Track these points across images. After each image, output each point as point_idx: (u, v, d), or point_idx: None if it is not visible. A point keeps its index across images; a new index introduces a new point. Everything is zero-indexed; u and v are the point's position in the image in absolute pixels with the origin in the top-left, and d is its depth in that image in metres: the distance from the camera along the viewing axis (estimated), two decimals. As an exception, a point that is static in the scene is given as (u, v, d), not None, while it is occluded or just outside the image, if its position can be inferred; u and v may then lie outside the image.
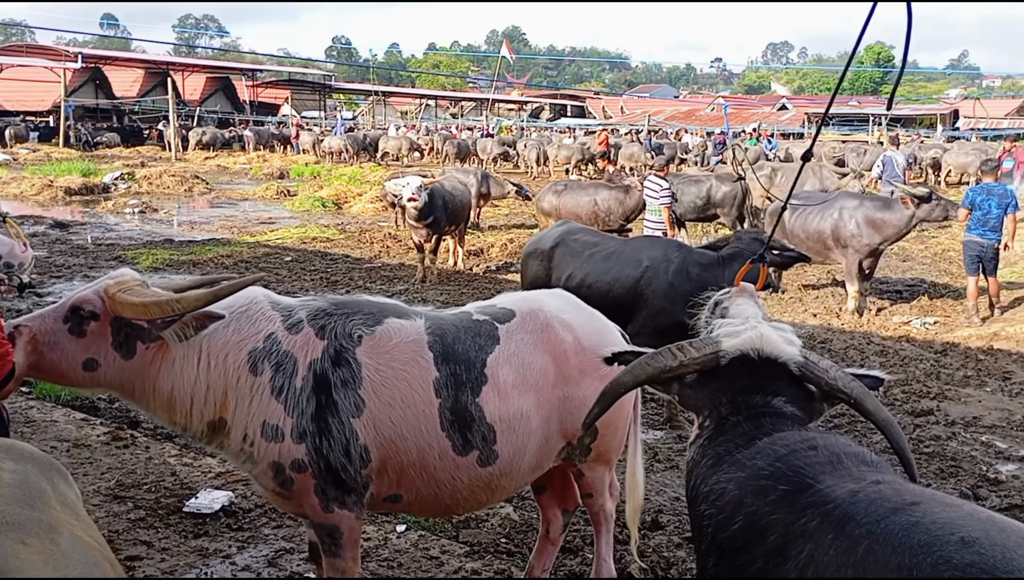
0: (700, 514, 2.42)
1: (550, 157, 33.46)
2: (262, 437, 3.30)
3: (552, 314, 3.78)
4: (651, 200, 12.21)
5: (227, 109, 62.69)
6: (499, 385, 3.53)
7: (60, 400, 7.14)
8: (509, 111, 78.21)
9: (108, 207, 21.94)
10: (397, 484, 3.49)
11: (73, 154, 36.82)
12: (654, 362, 2.64)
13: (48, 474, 2.41)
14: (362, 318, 3.49)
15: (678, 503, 5.71)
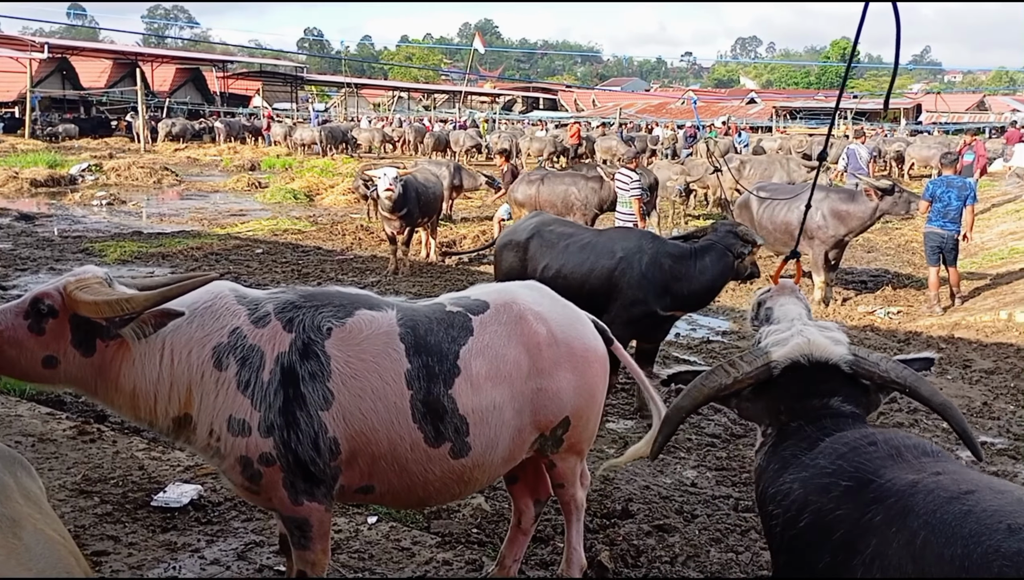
0: (769, 515, 2.51)
1: (522, 149, 33.45)
2: (228, 432, 3.28)
3: (526, 306, 3.78)
4: (622, 192, 12.27)
5: (197, 100, 61.98)
6: (472, 377, 3.52)
7: (25, 394, 7.05)
8: (482, 103, 78.01)
9: (75, 199, 21.64)
10: (369, 476, 3.48)
11: (39, 145, 36.27)
12: (709, 382, 2.71)
13: (11, 467, 2.39)
14: (332, 310, 3.46)
15: (648, 492, 5.77)
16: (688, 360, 9.11)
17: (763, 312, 3.24)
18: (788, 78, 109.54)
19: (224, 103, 60.58)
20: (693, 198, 20.93)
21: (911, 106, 59.71)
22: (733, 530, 5.22)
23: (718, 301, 11.37)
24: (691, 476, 6.10)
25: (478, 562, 4.58)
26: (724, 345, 9.82)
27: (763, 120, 59.04)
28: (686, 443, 6.71)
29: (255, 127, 46.18)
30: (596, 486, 5.82)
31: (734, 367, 2.70)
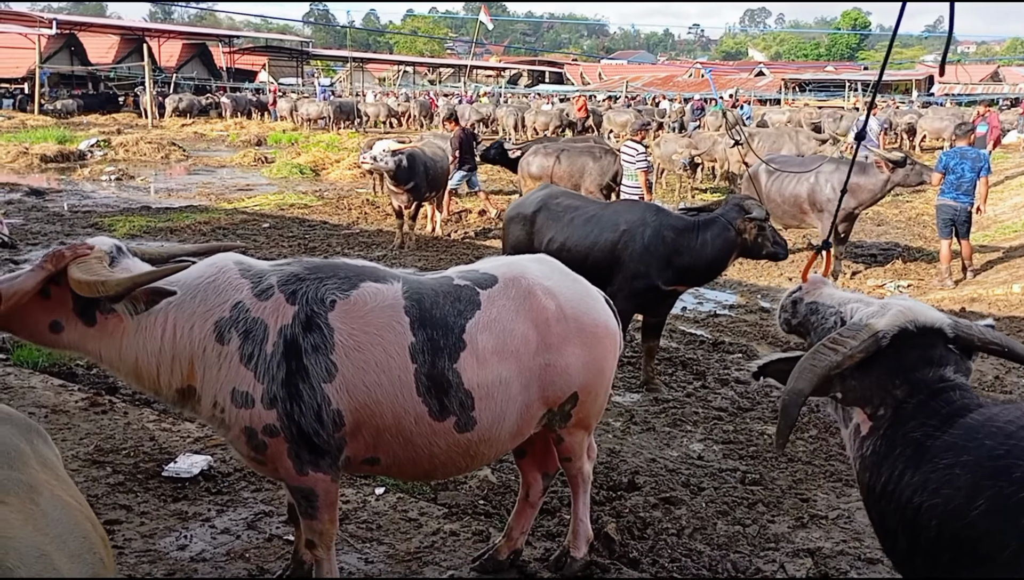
0: (904, 506, 2.28)
1: (528, 123, 33.28)
2: (232, 404, 3.31)
3: (535, 280, 3.74)
4: (628, 165, 12.23)
5: (204, 76, 61.76)
6: (478, 351, 3.49)
7: (37, 366, 7.11)
8: (487, 77, 77.57)
9: (84, 174, 21.66)
10: (374, 447, 3.50)
11: (48, 121, 36.27)
12: (819, 361, 2.49)
13: (27, 435, 2.41)
14: (336, 283, 3.45)
15: (654, 465, 5.79)
16: (695, 334, 9.10)
17: (803, 308, 2.96)
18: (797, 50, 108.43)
19: (230, 78, 60.36)
20: (700, 171, 20.82)
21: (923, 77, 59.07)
22: (740, 503, 5.24)
23: (725, 275, 11.34)
24: (698, 449, 6.12)
25: (485, 533, 4.61)
26: (731, 319, 9.81)
27: (771, 92, 58.54)
28: (692, 416, 6.72)
29: (261, 102, 46.05)
30: (602, 459, 5.84)
31: (838, 344, 2.49)
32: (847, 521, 5.04)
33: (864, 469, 2.49)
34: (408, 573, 4.21)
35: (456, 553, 4.41)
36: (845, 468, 5.77)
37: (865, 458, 2.49)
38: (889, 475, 2.36)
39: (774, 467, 5.81)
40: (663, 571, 4.45)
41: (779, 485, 5.51)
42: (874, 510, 2.45)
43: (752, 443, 6.21)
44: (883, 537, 2.43)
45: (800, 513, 5.12)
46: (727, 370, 7.87)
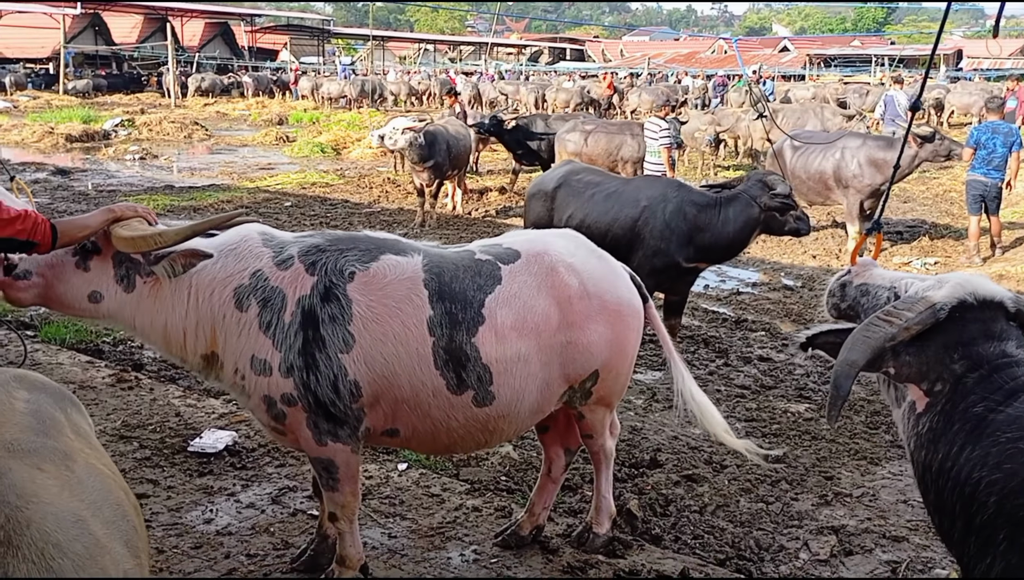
0: (962, 483, 2.21)
1: (548, 100, 33.07)
2: (251, 370, 3.37)
3: (558, 257, 3.71)
4: (651, 141, 12.12)
5: (226, 55, 61.83)
6: (497, 326, 3.49)
7: (65, 343, 7.20)
8: (508, 55, 77.14)
9: (108, 154, 21.82)
10: (393, 419, 3.52)
11: (73, 101, 36.50)
12: (874, 333, 2.40)
13: (61, 404, 2.46)
14: (357, 254, 3.48)
15: (676, 442, 5.78)
16: (718, 312, 9.05)
17: (853, 291, 2.85)
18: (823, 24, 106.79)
19: (252, 57, 60.42)
20: (723, 148, 20.63)
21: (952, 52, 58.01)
22: (763, 480, 5.22)
23: (748, 253, 11.24)
24: (721, 426, 6.09)
25: (507, 509, 4.62)
26: (754, 296, 9.74)
27: (796, 68, 57.75)
28: (715, 394, 6.69)
29: (283, 81, 46.08)
30: (624, 436, 5.83)
31: (893, 316, 2.39)
32: (872, 499, 5.01)
33: (919, 447, 2.41)
34: (430, 548, 4.24)
35: (478, 529, 4.43)
36: (870, 447, 5.73)
37: (921, 435, 2.41)
38: (947, 451, 2.29)
39: (798, 445, 5.78)
40: (685, 547, 4.45)
41: (803, 463, 5.48)
42: (930, 490, 2.37)
43: (775, 421, 6.18)
44: (938, 517, 2.36)
45: (824, 491, 5.09)
46: (750, 348, 7.82)
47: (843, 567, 4.34)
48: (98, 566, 1.90)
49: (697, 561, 4.26)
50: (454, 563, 4.12)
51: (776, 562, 4.37)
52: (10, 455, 2.04)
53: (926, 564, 4.33)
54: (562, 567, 4.09)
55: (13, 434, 2.15)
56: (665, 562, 4.19)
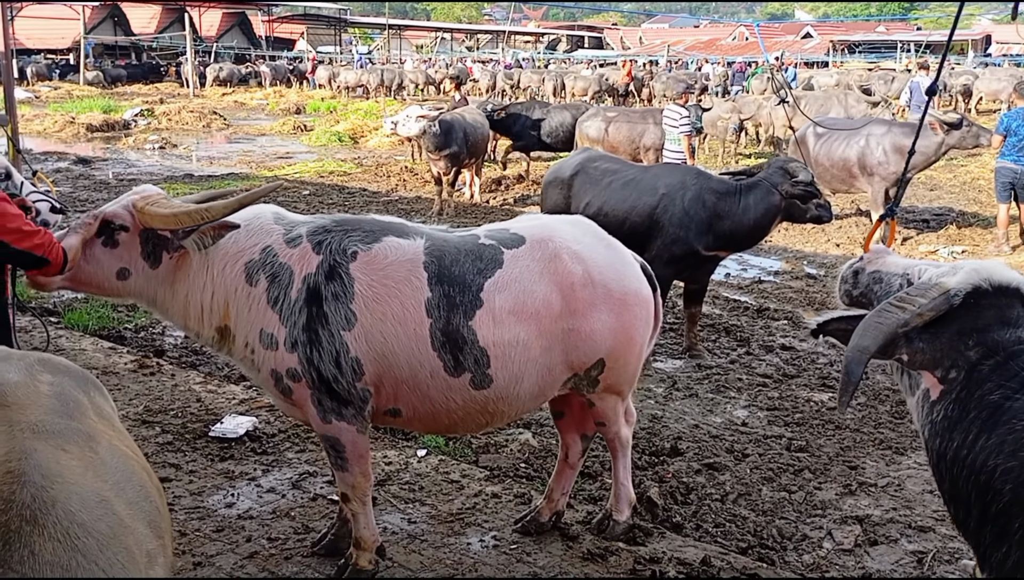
0: (978, 471, 2.19)
1: (567, 88, 32.89)
2: (260, 344, 3.48)
3: (563, 243, 3.71)
4: (671, 129, 12.03)
5: (243, 45, 62.00)
6: (494, 310, 3.52)
7: (88, 329, 7.25)
8: (526, 43, 76.85)
9: (129, 143, 21.95)
10: (394, 399, 3.58)
11: (94, 91, 36.78)
12: (886, 319, 2.36)
13: (84, 387, 2.47)
14: (360, 235, 3.55)
15: (697, 431, 5.74)
16: (739, 300, 8.98)
17: (866, 278, 2.83)
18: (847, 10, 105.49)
19: (269, 47, 60.54)
20: (744, 136, 20.45)
21: (980, 37, 57.14)
22: (785, 469, 5.17)
23: (770, 241, 11.16)
24: (742, 416, 6.05)
25: (526, 495, 4.61)
26: (776, 285, 9.65)
27: (819, 55, 57.09)
28: (736, 383, 6.64)
29: (300, 70, 46.14)
30: (644, 424, 5.81)
31: (905, 302, 2.35)
32: (897, 489, 4.95)
33: (934, 435, 2.38)
34: (450, 533, 4.23)
35: (498, 515, 4.42)
36: (895, 436, 5.67)
37: (935, 423, 2.38)
38: (962, 439, 2.26)
39: (821, 434, 5.72)
40: (706, 535, 4.42)
41: (826, 452, 5.43)
42: (945, 478, 2.34)
43: (798, 410, 6.12)
44: (953, 506, 2.33)
45: (848, 480, 5.04)
46: (772, 337, 7.76)
47: (868, 557, 4.29)
48: (122, 545, 1.91)
49: (718, 549, 4.23)
50: (474, 549, 4.11)
51: (799, 551, 4.33)
52: (35, 436, 2.06)
53: (952, 555, 4.28)
54: (582, 554, 4.07)
55: (38, 416, 2.16)
56: (686, 550, 4.16)
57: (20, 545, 1.73)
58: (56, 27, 50.05)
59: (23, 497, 1.82)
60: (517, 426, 5.65)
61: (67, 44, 49.87)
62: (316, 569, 3.90)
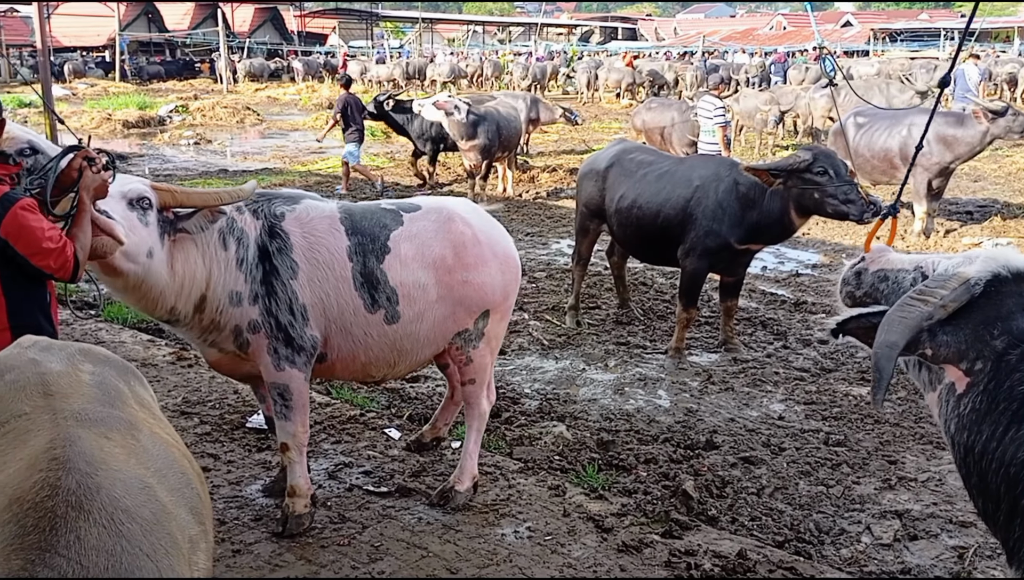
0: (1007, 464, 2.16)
1: (600, 81, 32.74)
2: (229, 304, 3.87)
3: (455, 210, 4.37)
4: (705, 120, 11.93)
5: (275, 40, 62.45)
6: (401, 256, 4.12)
7: (127, 322, 7.35)
8: (559, 35, 76.58)
9: (164, 139, 22.21)
10: (324, 343, 4.07)
11: (129, 88, 37.22)
12: (909, 313, 2.30)
13: (125, 376, 2.50)
14: (283, 200, 4.11)
15: (733, 424, 5.70)
16: (776, 293, 8.89)
17: (870, 278, 2.78)
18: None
19: (301, 42, 60.92)
20: (782, 127, 20.19)
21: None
22: (823, 464, 5.11)
23: (808, 234, 11.04)
24: (778, 410, 5.99)
25: (560, 487, 4.61)
26: (814, 278, 9.53)
27: (859, 44, 56.10)
28: (773, 377, 6.57)
29: (332, 65, 46.42)
30: (679, 418, 5.78)
31: (926, 295, 2.30)
32: (938, 484, 4.88)
33: (961, 429, 2.33)
34: (485, 524, 4.24)
35: (532, 507, 4.43)
36: (935, 430, 5.58)
37: (962, 417, 2.33)
38: (991, 432, 2.21)
39: (859, 428, 5.65)
40: (742, 529, 4.39)
41: (865, 447, 5.36)
42: (972, 472, 2.30)
43: (836, 404, 6.05)
44: (981, 501, 2.29)
45: (887, 475, 4.97)
46: (809, 330, 7.66)
47: (907, 552, 4.24)
48: (165, 531, 1.94)
49: (755, 542, 4.20)
50: (508, 540, 4.12)
51: (837, 545, 4.29)
52: (78, 424, 2.08)
53: (994, 550, 4.20)
54: (617, 546, 4.06)
55: (80, 404, 2.19)
56: (722, 543, 4.13)
57: (66, 530, 1.75)
58: (91, 24, 50.82)
59: (68, 483, 1.84)
60: (551, 419, 5.65)
61: (102, 41, 50.59)
62: (352, 557, 3.93)
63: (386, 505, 4.41)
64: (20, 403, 2.18)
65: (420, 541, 4.07)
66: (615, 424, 5.66)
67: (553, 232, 11.64)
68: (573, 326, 7.69)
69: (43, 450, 1.95)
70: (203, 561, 2.11)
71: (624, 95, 31.60)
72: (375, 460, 4.91)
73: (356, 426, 5.36)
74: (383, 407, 5.84)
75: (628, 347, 7.20)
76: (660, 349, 7.14)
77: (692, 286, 6.90)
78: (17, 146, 5.47)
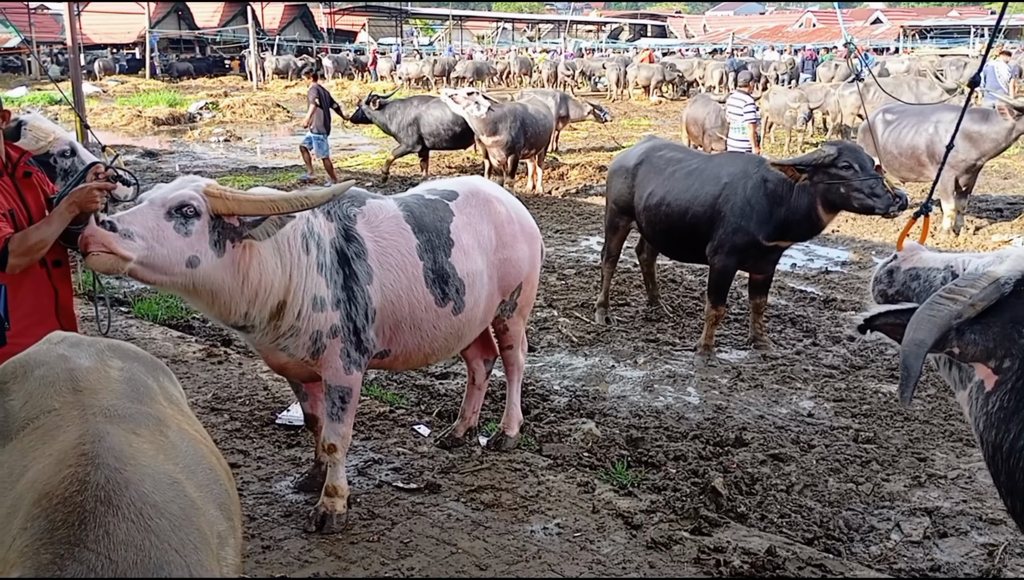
0: None
1: (630, 78, 32.60)
2: (312, 309, 3.82)
3: (488, 192, 4.56)
4: (735, 117, 11.85)
5: (305, 37, 62.79)
6: (464, 247, 4.26)
7: (157, 319, 7.45)
8: (587, 32, 76.34)
9: (194, 136, 22.45)
10: (389, 341, 4.13)
11: (159, 85, 37.67)
12: (939, 311, 2.31)
13: (153, 372, 2.51)
14: (349, 200, 4.05)
15: (762, 421, 5.67)
16: (806, 291, 8.82)
17: (902, 276, 2.80)
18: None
19: (331, 39, 61.20)
20: (811, 124, 20.00)
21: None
22: (853, 461, 5.07)
23: (838, 231, 10.94)
24: (808, 407, 5.95)
25: (590, 484, 4.61)
26: (843, 275, 9.45)
27: (889, 41, 55.45)
28: (802, 374, 6.53)
29: (361, 62, 46.61)
30: (708, 415, 5.76)
31: (955, 294, 2.32)
32: (968, 481, 4.82)
33: (990, 427, 2.34)
34: (514, 521, 4.25)
35: (561, 503, 4.43)
36: (966, 428, 5.51)
37: (991, 415, 2.34)
38: (1019, 430, 2.23)
39: (889, 425, 5.60)
40: (772, 526, 4.37)
41: (894, 444, 5.31)
42: (1001, 470, 2.31)
43: (865, 401, 6.00)
44: (1011, 499, 2.30)
45: (917, 472, 4.93)
46: (839, 328, 7.60)
47: (937, 549, 4.20)
48: (193, 526, 1.94)
49: (784, 539, 4.18)
50: (537, 536, 4.13)
51: (866, 542, 4.26)
52: (107, 420, 2.09)
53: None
54: (646, 542, 4.06)
55: (109, 400, 2.20)
56: (751, 540, 4.11)
57: (95, 525, 1.75)
58: (122, 22, 51.38)
59: (97, 478, 1.84)
60: (581, 416, 5.65)
61: (132, 38, 51.20)
62: (382, 553, 3.96)
63: (415, 501, 4.42)
64: (49, 399, 2.19)
65: (449, 537, 4.09)
66: (644, 421, 5.65)
67: (582, 229, 11.62)
68: (602, 323, 7.68)
69: (72, 446, 1.95)
70: (232, 557, 2.11)
71: (653, 92, 31.44)
72: (404, 456, 4.93)
73: (385, 423, 5.39)
74: (412, 404, 5.87)
75: (657, 344, 7.19)
76: (689, 346, 7.12)
77: (721, 283, 6.87)
78: (60, 147, 5.64)
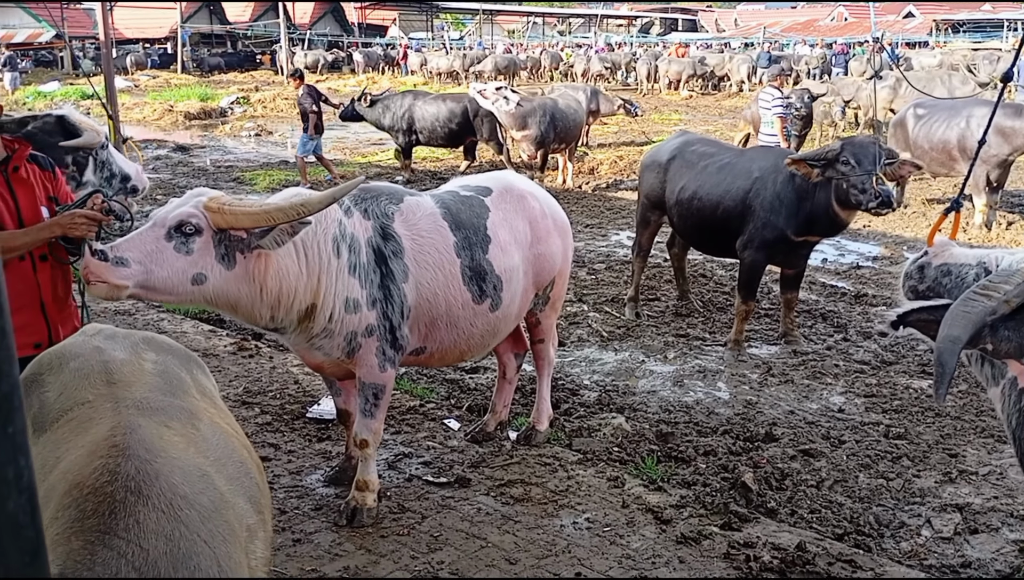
0: None
1: (660, 73, 32.38)
2: (345, 311, 3.80)
3: (522, 187, 4.56)
4: (764, 112, 11.75)
5: (336, 32, 63.07)
6: (500, 243, 4.24)
7: (188, 313, 7.53)
8: (618, 27, 75.91)
9: (225, 130, 22.66)
10: (425, 338, 4.14)
11: (191, 80, 37.98)
12: (973, 308, 2.32)
13: (187, 365, 2.54)
14: (387, 197, 4.05)
15: (793, 417, 5.64)
16: (837, 286, 8.75)
17: (933, 272, 2.82)
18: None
19: (362, 34, 61.41)
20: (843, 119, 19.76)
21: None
22: (883, 456, 5.04)
23: (869, 226, 10.82)
24: (838, 402, 5.91)
25: (620, 479, 4.61)
26: (875, 270, 9.36)
27: (921, 35, 54.62)
28: (833, 369, 6.49)
29: (391, 57, 46.75)
30: (738, 410, 5.75)
31: (989, 290, 2.33)
32: (999, 477, 4.78)
33: (1022, 423, 2.38)
34: (544, 515, 4.27)
35: (591, 498, 4.44)
36: (997, 424, 5.44)
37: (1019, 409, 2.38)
38: None
39: (920, 421, 5.55)
40: (802, 521, 4.35)
41: (925, 440, 5.27)
42: None
43: (896, 397, 5.95)
44: None
45: (948, 468, 4.89)
46: (870, 323, 7.53)
47: (967, 545, 4.17)
48: (223, 519, 1.96)
49: (814, 535, 4.16)
50: (567, 531, 4.14)
51: (896, 538, 4.24)
52: (139, 413, 2.13)
53: (1062, 549, 4.11)
54: (675, 537, 4.06)
55: (142, 393, 2.24)
56: (781, 535, 4.11)
57: (125, 514, 1.78)
58: (154, 16, 51.79)
59: (127, 469, 1.87)
60: (611, 411, 5.65)
61: (164, 33, 51.65)
62: (411, 547, 3.99)
63: (445, 495, 4.45)
64: (84, 391, 2.22)
65: (479, 531, 4.11)
66: (674, 416, 5.65)
67: (613, 224, 11.61)
68: (633, 318, 7.67)
69: (104, 437, 1.99)
70: (261, 550, 2.13)
71: (683, 87, 31.23)
72: (434, 451, 4.97)
73: (416, 417, 5.43)
74: (442, 398, 5.90)
75: (687, 339, 7.17)
76: (720, 341, 7.09)
77: (751, 278, 6.85)
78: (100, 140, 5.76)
